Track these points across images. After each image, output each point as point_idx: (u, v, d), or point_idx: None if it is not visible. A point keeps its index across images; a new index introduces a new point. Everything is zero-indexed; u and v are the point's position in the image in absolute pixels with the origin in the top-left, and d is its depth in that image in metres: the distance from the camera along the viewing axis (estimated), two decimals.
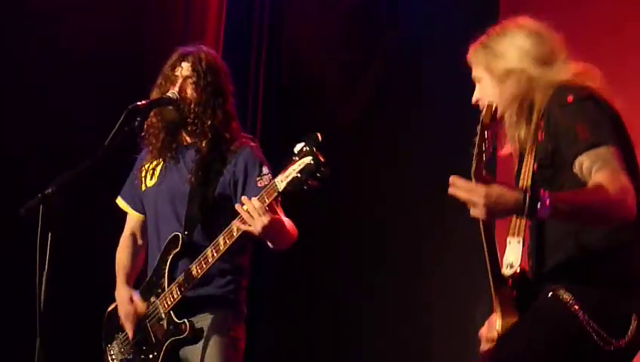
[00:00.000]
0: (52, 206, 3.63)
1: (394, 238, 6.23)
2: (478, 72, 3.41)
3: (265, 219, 3.76)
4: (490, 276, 3.28)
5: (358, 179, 6.28)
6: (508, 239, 3.34)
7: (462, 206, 3.15)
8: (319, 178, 3.65)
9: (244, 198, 3.80)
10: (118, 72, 5.89)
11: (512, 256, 3.32)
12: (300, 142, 3.71)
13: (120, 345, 4.23)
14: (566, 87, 3.22)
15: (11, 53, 5.72)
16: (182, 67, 4.17)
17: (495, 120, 3.25)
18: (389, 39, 6.38)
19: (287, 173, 3.69)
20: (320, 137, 3.68)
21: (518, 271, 3.30)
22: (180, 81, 4.14)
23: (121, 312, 4.22)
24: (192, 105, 4.10)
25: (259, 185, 3.96)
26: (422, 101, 6.21)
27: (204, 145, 4.15)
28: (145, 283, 4.22)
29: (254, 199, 3.78)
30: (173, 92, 4.11)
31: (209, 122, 4.11)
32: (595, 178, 3.07)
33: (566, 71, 3.28)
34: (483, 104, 3.33)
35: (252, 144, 4.18)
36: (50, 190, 3.66)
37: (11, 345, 5.17)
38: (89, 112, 5.61)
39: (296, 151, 3.69)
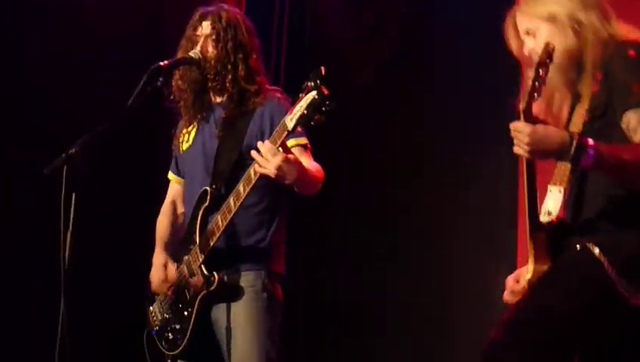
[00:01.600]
0: (76, 166, 3.65)
1: (414, 200, 6.21)
2: (530, 24, 3.38)
3: (278, 159, 3.75)
4: (527, 220, 3.28)
5: (375, 143, 6.28)
6: (549, 187, 3.35)
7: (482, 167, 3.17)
8: (325, 111, 3.63)
9: (259, 143, 3.80)
10: (139, 34, 5.89)
11: (552, 204, 3.33)
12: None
13: (159, 305, 4.26)
14: (628, 42, 3.23)
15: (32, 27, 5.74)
16: (202, 26, 4.16)
17: (552, 59, 3.21)
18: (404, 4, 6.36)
19: (294, 110, 3.69)
20: (323, 71, 3.66)
21: (555, 219, 3.31)
22: (201, 40, 4.14)
23: (153, 278, 4.25)
24: (213, 63, 4.10)
25: None
26: (436, 68, 6.18)
27: (228, 100, 4.15)
28: (180, 241, 4.24)
29: (266, 141, 3.78)
30: (195, 52, 4.11)
31: (229, 77, 4.11)
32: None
33: (624, 28, 3.29)
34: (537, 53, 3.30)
35: (278, 95, 4.17)
36: (73, 150, 3.68)
37: (36, 306, 5.22)
38: (111, 73, 5.61)
39: (302, 88, 3.69)
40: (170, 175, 4.44)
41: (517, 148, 3.10)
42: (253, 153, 3.79)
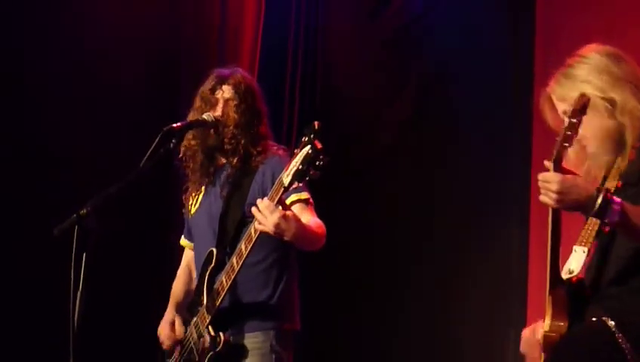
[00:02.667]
0: (86, 226, 3.65)
1: (424, 269, 6.20)
2: (566, 107, 3.33)
3: (275, 216, 3.74)
4: (548, 273, 3.26)
5: (394, 200, 6.27)
6: (574, 247, 3.33)
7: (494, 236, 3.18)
8: (319, 166, 3.63)
9: (257, 200, 3.80)
10: (154, 89, 5.93)
11: (575, 263, 3.30)
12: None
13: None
14: None
15: (43, 62, 5.78)
16: (222, 90, 4.19)
17: (585, 111, 3.19)
18: (423, 64, 6.38)
19: (290, 166, 3.69)
20: (317, 125, 3.67)
21: (575, 279, 3.28)
22: (220, 103, 4.16)
23: (160, 333, 4.25)
24: (232, 128, 4.12)
25: None
26: (457, 124, 6.19)
27: (235, 162, 4.17)
28: (189, 303, 4.24)
29: (265, 198, 3.78)
30: (208, 114, 4.14)
31: (243, 141, 4.13)
32: None
33: None
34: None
35: (280, 153, 4.19)
36: (84, 210, 3.69)
37: None
38: (122, 122, 5.65)
39: (298, 144, 3.70)
40: (183, 241, 4.46)
41: (544, 197, 3.11)
42: (253, 210, 3.79)
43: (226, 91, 4.20)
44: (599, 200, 3.08)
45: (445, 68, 6.24)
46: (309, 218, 4.03)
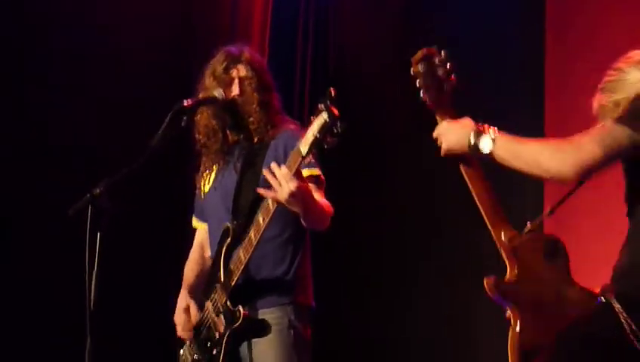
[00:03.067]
0: (100, 206, 3.66)
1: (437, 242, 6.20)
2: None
3: (292, 185, 3.73)
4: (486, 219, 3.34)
5: (408, 177, 6.27)
6: None
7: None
8: (337, 133, 3.62)
9: (273, 165, 3.79)
10: (166, 69, 5.93)
11: None
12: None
13: (189, 347, 4.24)
14: None
15: (52, 52, 5.79)
16: (237, 69, 4.19)
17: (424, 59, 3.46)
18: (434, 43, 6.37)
19: (307, 135, 3.67)
20: (333, 92, 3.65)
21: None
22: (236, 81, 4.16)
23: (177, 322, 4.25)
24: (255, 106, 4.12)
25: None
26: (470, 105, 6.18)
27: (246, 138, 4.17)
28: (206, 280, 4.23)
29: (283, 166, 3.76)
30: (219, 92, 4.13)
31: (259, 118, 4.13)
32: None
33: None
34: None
35: (292, 126, 4.18)
36: (98, 190, 3.69)
37: (62, 347, 5.21)
38: (134, 111, 5.65)
39: (314, 111, 3.68)
40: (195, 222, 4.45)
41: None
42: (269, 177, 3.77)
43: (241, 70, 4.19)
44: (472, 133, 3.19)
45: (456, 47, 6.23)
46: (318, 196, 4.02)
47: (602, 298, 3.11)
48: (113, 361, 4.96)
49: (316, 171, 4.07)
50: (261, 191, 3.83)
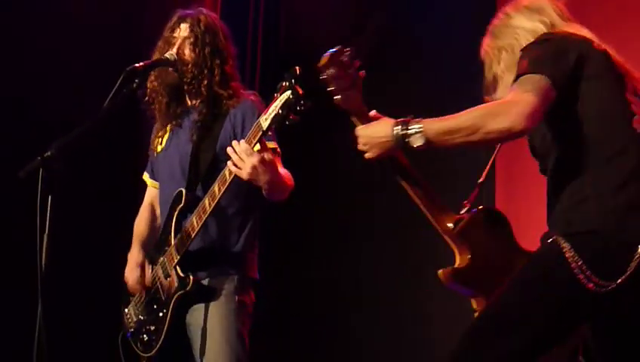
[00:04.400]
0: (52, 169, 3.63)
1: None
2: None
3: (253, 160, 3.75)
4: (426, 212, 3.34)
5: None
6: None
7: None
8: (300, 111, 3.64)
9: (234, 142, 3.80)
10: (118, 35, 5.89)
11: None
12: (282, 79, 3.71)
13: (134, 307, 4.25)
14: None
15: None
16: (180, 28, 4.18)
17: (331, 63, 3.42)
18: (384, 14, 6.38)
19: (269, 110, 3.69)
20: (298, 70, 3.67)
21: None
22: (178, 42, 4.15)
23: (128, 277, 4.26)
24: (190, 66, 4.11)
25: None
26: (417, 71, 6.21)
27: (202, 104, 4.16)
28: (155, 242, 4.23)
29: (242, 141, 3.78)
30: (171, 53, 4.13)
31: (205, 82, 4.12)
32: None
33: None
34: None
35: (252, 98, 4.18)
36: (49, 153, 3.66)
37: (13, 310, 5.19)
38: (87, 77, 5.60)
39: (277, 88, 3.69)
40: (146, 177, 4.45)
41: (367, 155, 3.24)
42: (229, 151, 3.80)
43: (183, 30, 4.19)
44: (396, 131, 3.14)
45: (407, 18, 6.26)
46: (280, 168, 4.03)
47: (549, 240, 3.14)
48: (65, 324, 4.98)
49: (273, 144, 4.07)
50: (229, 164, 3.83)
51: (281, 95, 3.66)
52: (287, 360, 6.37)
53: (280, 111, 3.66)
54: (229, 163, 3.82)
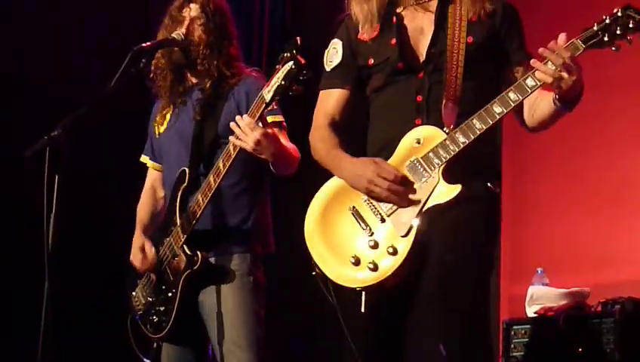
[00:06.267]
0: (58, 148, 3.62)
1: None
2: None
3: (256, 134, 3.75)
4: None
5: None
6: None
7: None
8: (302, 81, 3.65)
9: (237, 117, 3.80)
10: (123, 13, 5.87)
11: None
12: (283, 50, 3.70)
13: (142, 289, 4.24)
14: None
15: None
16: (190, 8, 4.18)
17: None
18: None
19: (272, 82, 3.70)
20: (299, 41, 3.67)
21: None
22: (187, 22, 4.14)
23: (134, 261, 4.24)
24: (201, 47, 4.10)
25: None
26: None
27: (208, 84, 4.15)
28: (161, 224, 4.23)
29: (245, 115, 3.78)
30: (178, 33, 4.12)
31: (215, 63, 4.12)
32: None
33: None
34: None
35: (254, 74, 4.18)
36: (56, 132, 3.65)
37: (19, 290, 5.19)
38: (92, 55, 5.59)
39: (279, 59, 3.69)
40: (146, 160, 4.42)
41: None
42: (232, 126, 3.80)
43: (193, 9, 4.18)
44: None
45: None
46: (284, 141, 4.02)
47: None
48: (71, 304, 4.98)
49: (279, 118, 4.08)
50: (232, 138, 3.81)
51: (282, 66, 3.66)
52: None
53: (282, 83, 3.66)
54: (231, 138, 3.82)
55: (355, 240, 3.31)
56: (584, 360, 4.66)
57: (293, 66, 3.63)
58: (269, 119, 3.99)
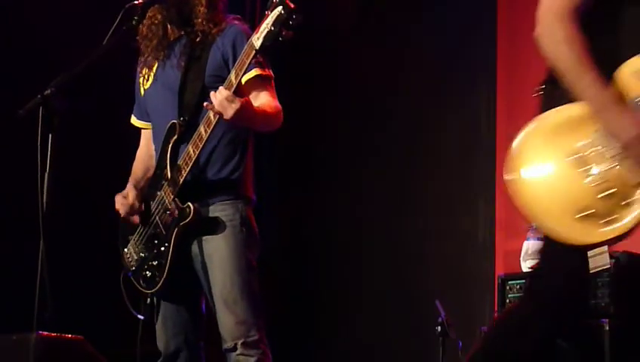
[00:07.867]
0: (52, 107, 3.60)
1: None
2: None
3: (235, 106, 3.73)
4: None
5: (354, 83, 6.30)
6: None
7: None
8: (292, 26, 3.61)
9: (211, 93, 3.78)
10: None
11: None
12: None
13: (134, 246, 4.21)
14: None
15: None
16: None
17: None
18: None
19: (261, 28, 3.67)
20: None
21: None
22: None
23: (117, 207, 4.18)
24: (203, 8, 4.05)
25: None
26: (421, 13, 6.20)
27: (191, 34, 4.10)
28: (151, 178, 4.19)
29: (221, 88, 3.76)
30: None
31: (204, 15, 4.05)
32: None
33: None
34: None
35: (236, 22, 4.13)
36: (49, 91, 3.63)
37: (14, 248, 5.19)
38: (81, 11, 5.57)
39: (268, 5, 3.66)
40: (135, 120, 4.36)
41: None
42: (212, 95, 3.77)
43: None
44: None
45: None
46: (265, 98, 3.99)
47: None
48: (66, 262, 4.99)
49: (265, 72, 4.02)
50: (209, 106, 3.79)
51: (272, 12, 3.63)
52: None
53: (272, 28, 3.63)
54: (209, 112, 3.80)
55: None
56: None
57: (282, 11, 3.59)
58: (254, 72, 3.95)
